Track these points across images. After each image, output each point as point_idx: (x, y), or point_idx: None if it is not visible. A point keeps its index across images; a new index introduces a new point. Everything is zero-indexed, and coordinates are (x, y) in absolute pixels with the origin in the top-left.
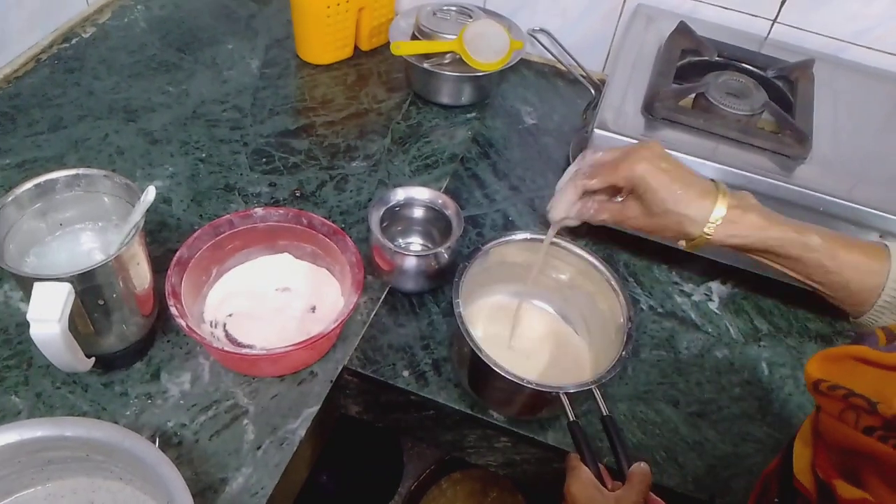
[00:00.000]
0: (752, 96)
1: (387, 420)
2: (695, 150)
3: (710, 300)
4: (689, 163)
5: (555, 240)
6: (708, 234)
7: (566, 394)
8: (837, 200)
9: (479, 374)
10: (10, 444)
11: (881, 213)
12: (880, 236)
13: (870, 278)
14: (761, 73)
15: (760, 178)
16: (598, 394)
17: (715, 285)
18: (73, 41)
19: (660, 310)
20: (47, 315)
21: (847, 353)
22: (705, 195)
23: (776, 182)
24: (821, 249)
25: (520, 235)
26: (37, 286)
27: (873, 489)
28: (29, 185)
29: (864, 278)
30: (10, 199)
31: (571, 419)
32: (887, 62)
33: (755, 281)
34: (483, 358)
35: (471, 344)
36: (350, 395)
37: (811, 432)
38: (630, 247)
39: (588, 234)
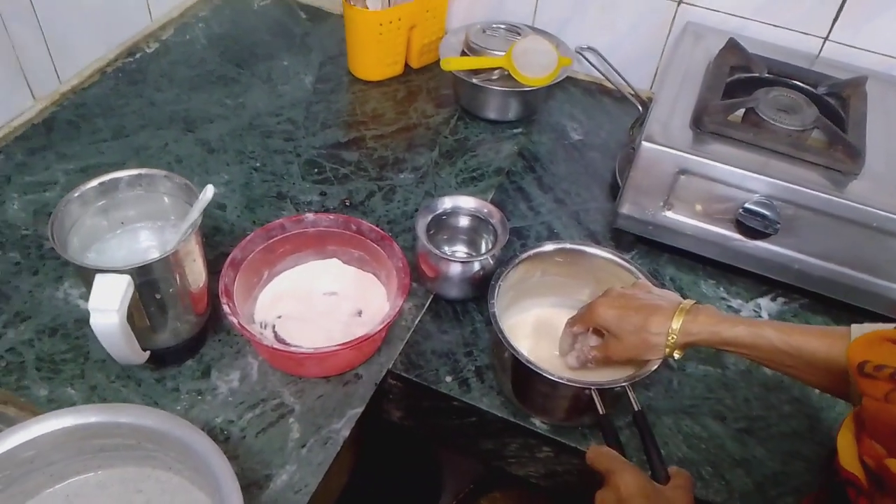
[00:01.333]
0: (803, 112)
1: (428, 426)
2: (745, 163)
3: (759, 316)
4: (739, 176)
5: (608, 255)
6: (671, 342)
7: (597, 389)
8: (891, 216)
9: (515, 374)
10: (66, 429)
11: None
12: None
13: (834, 357)
14: (812, 89)
15: (812, 192)
16: (630, 391)
17: (764, 301)
18: (137, 55)
19: None
20: (107, 305)
21: (884, 336)
22: (661, 314)
23: (828, 197)
24: (773, 337)
25: (551, 246)
26: (98, 277)
27: None
28: (94, 182)
29: (828, 357)
30: (76, 194)
31: (602, 412)
32: None
33: (805, 297)
34: (512, 352)
35: (502, 339)
36: (393, 399)
37: (855, 425)
38: (676, 262)
39: (636, 245)
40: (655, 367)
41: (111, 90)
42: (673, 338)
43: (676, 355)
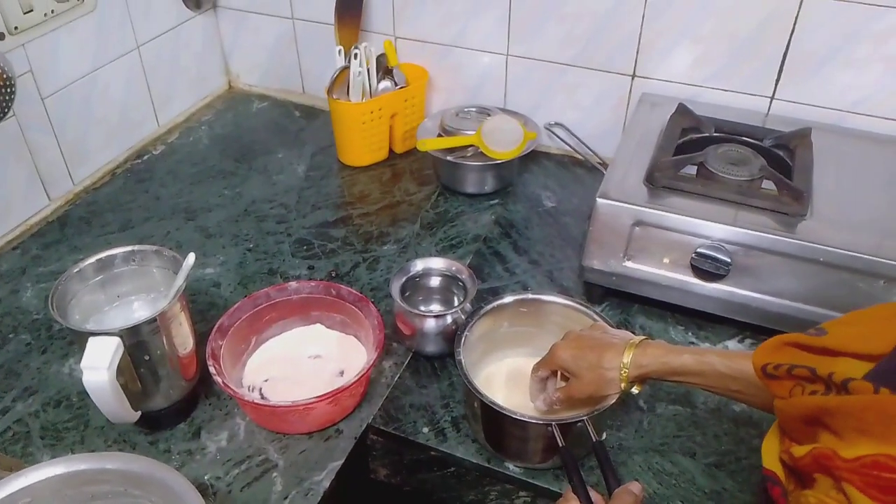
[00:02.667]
0: (751, 164)
1: (413, 482)
2: (695, 212)
3: None
4: (689, 224)
5: (565, 302)
6: (624, 375)
7: (558, 425)
8: (838, 250)
9: (484, 418)
10: (58, 476)
11: (882, 260)
12: (883, 283)
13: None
14: (759, 143)
15: (762, 234)
16: (588, 424)
17: (732, 343)
18: (145, 157)
19: None
20: (98, 363)
21: (782, 341)
22: (613, 350)
23: (777, 237)
24: (716, 363)
25: (511, 297)
26: (91, 340)
27: (825, 442)
28: (92, 259)
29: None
30: (75, 270)
31: (560, 444)
32: (886, 126)
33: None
34: (478, 396)
35: (468, 384)
36: (377, 456)
37: (779, 430)
38: (645, 311)
39: (606, 298)
40: (613, 401)
41: (120, 188)
42: (625, 371)
43: (635, 390)
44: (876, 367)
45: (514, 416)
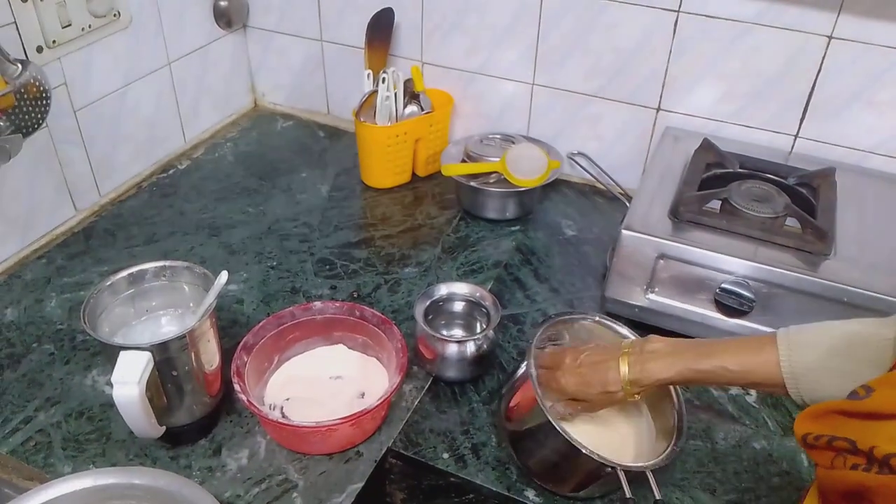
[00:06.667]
0: (775, 201)
1: None
2: (719, 247)
3: (748, 394)
4: (714, 259)
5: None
6: (628, 390)
7: (623, 471)
8: (861, 291)
9: (538, 438)
10: (86, 489)
11: None
12: None
13: (766, 368)
14: (783, 181)
15: (786, 272)
16: (651, 477)
17: None
18: (171, 172)
19: (696, 402)
20: (129, 378)
21: (828, 408)
22: (610, 367)
23: (800, 275)
24: (713, 369)
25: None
26: (122, 354)
27: None
28: (123, 273)
29: (763, 370)
30: (107, 284)
31: (629, 496)
32: None
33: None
34: (550, 418)
35: (540, 403)
36: (395, 480)
37: (818, 496)
38: None
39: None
40: (674, 457)
41: (146, 202)
42: (627, 388)
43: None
44: None
45: (583, 450)
